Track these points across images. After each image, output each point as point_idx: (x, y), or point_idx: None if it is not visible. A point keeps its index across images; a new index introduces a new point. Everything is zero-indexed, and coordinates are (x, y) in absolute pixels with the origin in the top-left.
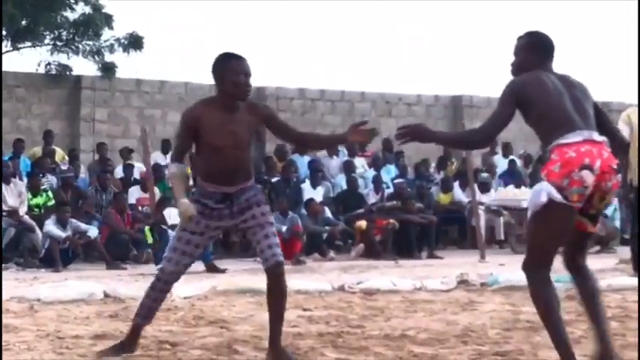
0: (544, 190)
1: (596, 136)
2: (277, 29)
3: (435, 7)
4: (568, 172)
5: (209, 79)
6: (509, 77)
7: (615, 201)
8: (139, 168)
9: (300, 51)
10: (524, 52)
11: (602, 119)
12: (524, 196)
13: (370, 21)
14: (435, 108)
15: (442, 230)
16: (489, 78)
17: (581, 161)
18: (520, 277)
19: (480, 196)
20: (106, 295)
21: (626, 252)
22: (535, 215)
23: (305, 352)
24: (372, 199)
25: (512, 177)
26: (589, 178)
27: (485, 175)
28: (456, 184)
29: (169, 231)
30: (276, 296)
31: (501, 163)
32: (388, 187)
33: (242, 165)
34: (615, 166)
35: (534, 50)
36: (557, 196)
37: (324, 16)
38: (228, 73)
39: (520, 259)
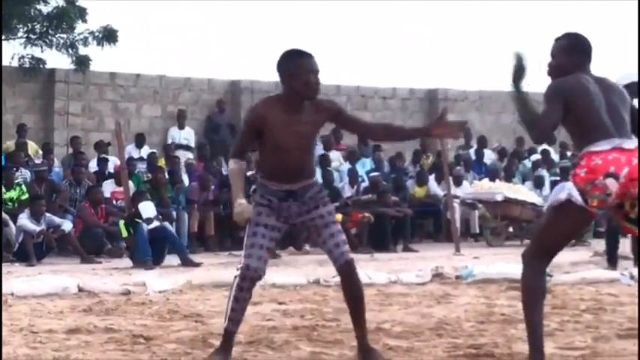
0: (567, 189)
1: (627, 144)
2: (252, 22)
3: (410, 1)
4: (593, 178)
5: (184, 73)
6: (547, 78)
7: None
8: (113, 162)
9: (275, 44)
10: (563, 54)
11: (636, 123)
12: (499, 190)
13: (345, 14)
14: (410, 101)
15: (417, 223)
16: (465, 71)
17: (606, 169)
18: (495, 270)
19: (454, 190)
20: (80, 290)
21: (600, 245)
22: (551, 210)
23: (280, 346)
24: (348, 192)
25: (484, 170)
26: (613, 186)
27: (459, 168)
28: (432, 178)
29: (144, 225)
30: (353, 295)
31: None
32: (363, 181)
33: (305, 164)
34: None
35: (574, 52)
36: (578, 198)
37: (298, 9)
38: (298, 71)
39: (495, 251)
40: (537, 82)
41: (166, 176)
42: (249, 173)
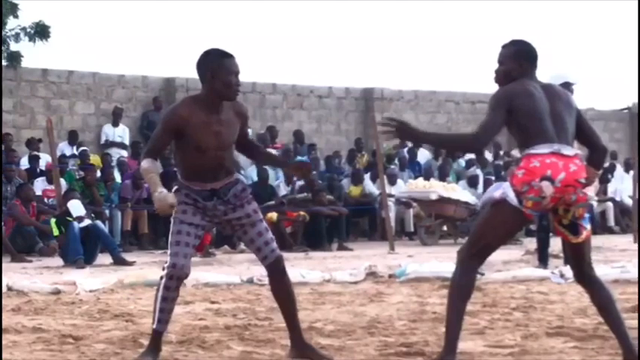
0: (503, 189)
1: (567, 150)
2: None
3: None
4: (529, 180)
5: (117, 70)
6: (493, 84)
7: None
8: (45, 159)
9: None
10: (510, 61)
11: (585, 130)
12: (434, 189)
13: (281, 13)
14: (346, 100)
15: (352, 222)
16: (400, 71)
17: (543, 172)
18: (428, 269)
19: (389, 189)
20: (9, 289)
21: (532, 243)
22: (487, 210)
23: (211, 345)
24: (283, 191)
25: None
26: (548, 189)
27: (393, 167)
28: (367, 177)
29: (75, 223)
30: (284, 293)
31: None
32: (299, 180)
33: (225, 163)
34: (583, 180)
35: (521, 59)
36: (513, 199)
37: (235, 7)
38: (220, 72)
39: (429, 250)
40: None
41: (99, 174)
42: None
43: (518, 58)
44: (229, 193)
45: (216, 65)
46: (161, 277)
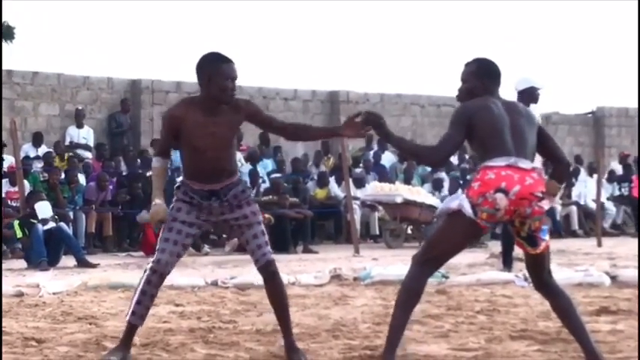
0: (459, 200)
1: (523, 163)
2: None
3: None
4: (484, 191)
5: (82, 71)
6: (455, 102)
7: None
8: (8, 161)
9: (177, 44)
10: (473, 79)
11: (548, 144)
12: (399, 192)
13: (247, 15)
14: (312, 103)
15: (318, 225)
16: (366, 74)
17: (497, 184)
18: (392, 272)
19: (355, 191)
20: None
21: (496, 246)
22: (443, 219)
23: (175, 348)
24: None
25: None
26: (502, 201)
27: (359, 170)
28: (332, 179)
29: (39, 225)
30: (276, 295)
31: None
32: (264, 182)
33: (224, 164)
34: (540, 194)
35: (483, 77)
36: (468, 210)
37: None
38: (216, 77)
39: (394, 253)
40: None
41: (63, 176)
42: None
43: (480, 76)
44: (229, 193)
45: (214, 69)
46: (145, 271)
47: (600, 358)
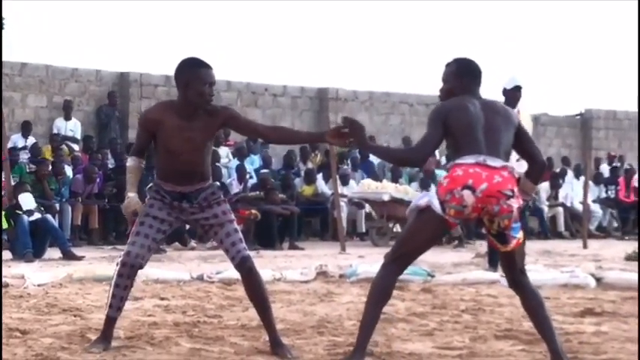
0: (428, 197)
1: (493, 161)
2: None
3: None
4: (452, 188)
5: (71, 63)
6: (438, 99)
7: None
8: None
9: (166, 38)
10: (453, 79)
11: (525, 144)
12: (386, 190)
13: (237, 10)
14: (300, 99)
15: (304, 221)
16: (355, 72)
17: (465, 181)
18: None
19: (342, 189)
20: None
21: (482, 246)
22: (412, 217)
23: (159, 342)
24: (236, 188)
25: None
26: (469, 198)
27: (346, 167)
28: (320, 176)
29: (24, 217)
30: (254, 291)
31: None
32: (252, 177)
33: (197, 168)
34: (508, 192)
35: (463, 77)
36: (437, 207)
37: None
38: (194, 82)
39: (380, 251)
40: None
41: (50, 168)
42: None
43: (459, 76)
44: (199, 197)
45: (192, 74)
46: (117, 264)
47: (564, 358)
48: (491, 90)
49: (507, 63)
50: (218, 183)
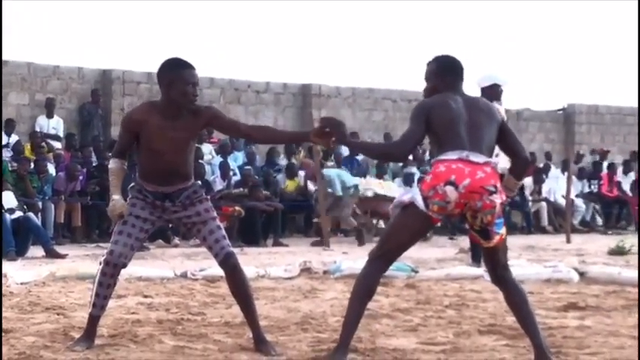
0: (412, 193)
1: (476, 157)
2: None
3: None
4: (434, 184)
5: (53, 60)
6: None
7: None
8: None
9: (148, 35)
10: (435, 77)
11: (508, 140)
12: (369, 186)
13: (218, 7)
14: (283, 96)
15: (288, 218)
16: (338, 68)
17: (447, 177)
18: (362, 266)
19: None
20: None
21: (465, 242)
22: (396, 213)
23: (143, 340)
24: (219, 185)
25: (356, 166)
26: (452, 194)
27: (331, 163)
28: (303, 173)
29: (6, 215)
30: (238, 287)
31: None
32: (235, 174)
33: (180, 168)
34: (491, 188)
35: (444, 74)
36: (420, 203)
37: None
38: (177, 82)
39: (364, 247)
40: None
41: (32, 166)
42: None
43: (441, 74)
44: (182, 196)
45: (174, 75)
46: (100, 263)
47: (547, 352)
48: (472, 86)
49: (489, 58)
50: (200, 182)
